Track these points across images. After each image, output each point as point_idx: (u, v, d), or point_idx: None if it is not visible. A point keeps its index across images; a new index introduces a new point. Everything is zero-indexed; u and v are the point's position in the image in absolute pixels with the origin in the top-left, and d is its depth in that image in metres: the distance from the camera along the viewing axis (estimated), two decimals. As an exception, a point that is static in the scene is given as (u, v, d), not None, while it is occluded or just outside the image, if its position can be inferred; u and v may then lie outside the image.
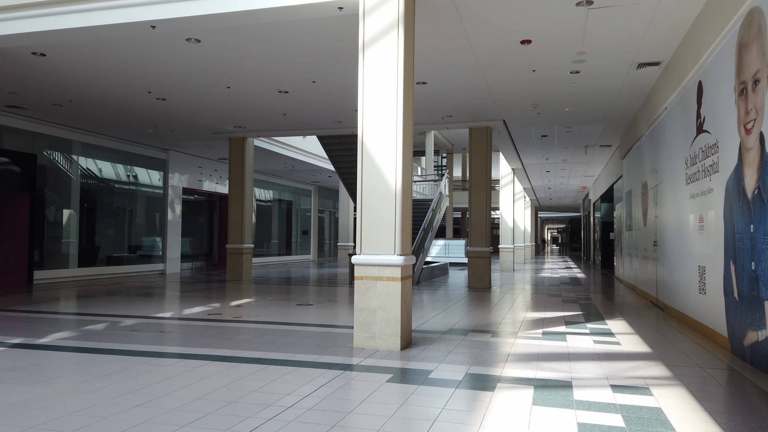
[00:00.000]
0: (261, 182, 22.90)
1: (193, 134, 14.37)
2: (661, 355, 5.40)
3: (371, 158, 5.59)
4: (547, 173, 21.95)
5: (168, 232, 16.80)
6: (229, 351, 5.36)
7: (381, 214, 5.54)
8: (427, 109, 11.47)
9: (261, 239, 23.81)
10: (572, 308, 9.07)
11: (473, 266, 12.76)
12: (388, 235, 5.51)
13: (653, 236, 9.88)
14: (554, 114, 11.77)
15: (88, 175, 14.76)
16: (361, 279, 5.58)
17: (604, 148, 16.22)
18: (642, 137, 10.91)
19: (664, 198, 8.88)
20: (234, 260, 14.21)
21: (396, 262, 5.44)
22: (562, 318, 7.93)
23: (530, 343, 5.97)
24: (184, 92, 10.32)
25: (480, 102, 10.82)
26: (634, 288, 12.35)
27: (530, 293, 11.62)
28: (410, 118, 5.77)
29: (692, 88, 7.08)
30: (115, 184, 15.68)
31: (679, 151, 7.75)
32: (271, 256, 24.18)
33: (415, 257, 5.89)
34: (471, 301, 9.96)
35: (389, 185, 5.52)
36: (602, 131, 13.63)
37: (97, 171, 15.06)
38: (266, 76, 9.30)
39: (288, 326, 6.92)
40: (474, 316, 8.01)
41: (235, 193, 14.36)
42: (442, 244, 23.90)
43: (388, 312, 5.48)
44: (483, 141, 12.73)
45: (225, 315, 7.88)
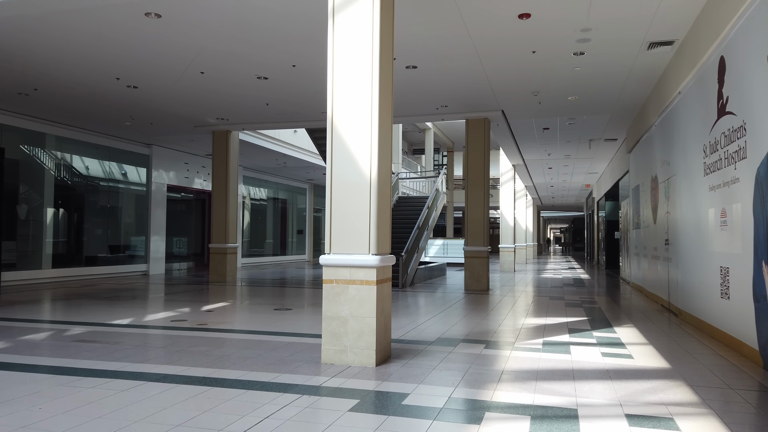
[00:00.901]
0: (254, 180, 22.13)
1: (174, 127, 13.60)
2: (682, 372, 4.59)
3: (342, 142, 4.80)
4: (549, 170, 21.13)
5: (151, 231, 16.02)
6: (174, 368, 4.57)
7: (353, 207, 4.74)
8: (420, 98, 10.67)
9: (254, 239, 23.05)
10: (576, 313, 8.26)
11: (470, 267, 11.95)
12: (361, 232, 4.71)
13: (664, 234, 9.07)
14: (556, 103, 10.95)
15: (65, 170, 14.00)
16: (331, 282, 4.78)
17: (609, 143, 15.39)
18: (652, 127, 10.09)
19: (677, 192, 8.07)
20: (217, 261, 13.43)
21: (370, 262, 4.65)
22: (565, 325, 7.13)
23: (529, 356, 5.17)
24: (155, 79, 9.54)
25: (476, 89, 10.01)
26: (642, 290, 11.53)
27: (531, 296, 10.81)
28: (388, 95, 4.98)
29: (712, 66, 6.27)
30: (95, 181, 14.92)
31: (696, 139, 6.93)
32: (265, 257, 23.41)
33: (394, 257, 5.10)
34: (466, 305, 9.16)
35: (363, 173, 4.72)
36: (608, 123, 12.80)
37: (75, 167, 14.30)
38: (241, 59, 8.51)
39: (255, 335, 6.13)
40: (467, 323, 7.21)
41: (219, 189, 13.58)
42: (441, 244, 23.11)
43: (361, 321, 4.68)
44: (480, 133, 11.92)
45: (189, 322, 7.10)
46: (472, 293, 11.18)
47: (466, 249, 11.98)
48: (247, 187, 22.04)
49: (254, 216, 22.91)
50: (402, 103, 11.09)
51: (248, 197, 22.40)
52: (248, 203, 22.50)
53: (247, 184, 21.87)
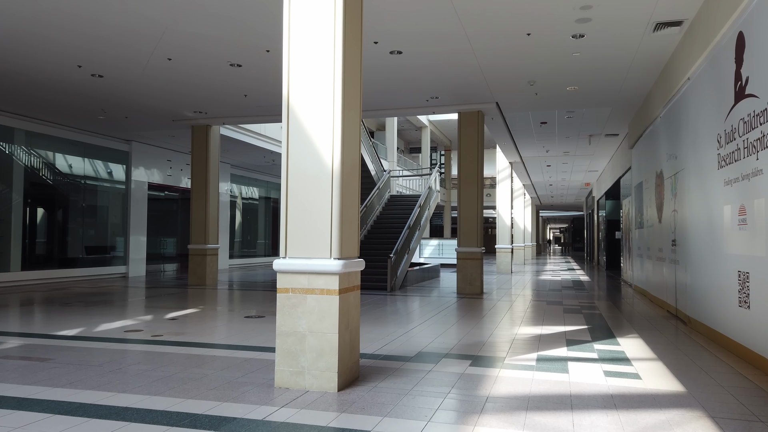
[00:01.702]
0: (243, 178, 21.41)
1: (151, 122, 12.88)
2: (699, 398, 3.87)
3: (299, 125, 4.08)
4: (547, 168, 20.42)
5: (131, 231, 15.30)
6: (97, 394, 3.85)
7: (312, 202, 4.03)
8: (407, 89, 9.96)
9: (245, 239, 22.34)
10: (575, 320, 7.55)
11: (463, 269, 11.24)
12: (321, 232, 4.00)
13: (671, 234, 8.36)
14: (554, 94, 10.24)
15: (37, 167, 13.27)
16: (286, 292, 4.07)
17: (610, 138, 14.68)
18: (656, 119, 9.38)
19: (686, 188, 7.36)
20: (196, 263, 12.72)
21: (332, 268, 3.93)
22: (563, 335, 6.41)
23: (520, 376, 4.46)
24: (120, 66, 8.82)
25: (468, 78, 9.30)
26: (646, 294, 10.82)
27: (527, 300, 10.10)
28: (355, 71, 4.26)
29: (728, 45, 5.56)
30: (70, 179, 14.20)
31: (708, 128, 6.23)
32: (256, 257, 22.69)
33: (363, 262, 4.39)
34: (456, 312, 8.44)
35: (323, 163, 4.01)
36: (609, 117, 12.09)
37: (48, 163, 13.58)
38: (210, 43, 7.80)
39: (211, 350, 5.41)
40: (454, 333, 6.49)
41: (198, 187, 12.86)
42: (436, 244, 22.40)
43: (320, 338, 3.96)
44: (474, 127, 11.21)
45: (145, 333, 6.38)
46: (465, 297, 10.47)
47: (458, 250, 11.26)
48: (238, 186, 21.36)
49: (245, 216, 22.21)
50: (389, 95, 10.37)
51: (239, 196, 21.76)
52: (239, 203, 21.84)
53: (237, 183, 21.17)
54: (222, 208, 19.43)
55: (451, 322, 7.40)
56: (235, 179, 20.76)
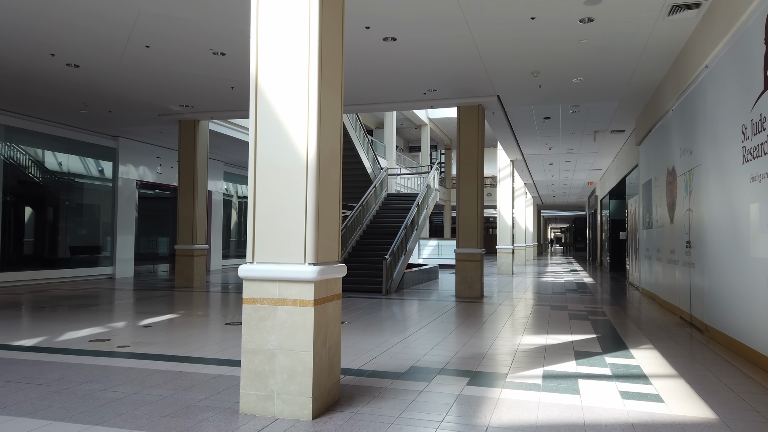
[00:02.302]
0: (239, 177, 20.83)
1: (137, 116, 12.32)
2: (734, 428, 3.31)
3: (269, 108, 3.52)
4: (550, 166, 19.84)
5: (118, 230, 14.73)
6: (24, 424, 3.29)
7: (283, 198, 3.46)
8: (403, 80, 9.39)
9: (241, 239, 21.78)
10: (582, 328, 6.99)
11: (462, 271, 10.67)
12: (294, 233, 3.44)
13: (685, 235, 7.79)
14: (559, 87, 9.67)
15: (15, 164, 12.72)
16: (253, 302, 3.50)
17: (615, 135, 14.10)
18: (668, 113, 8.81)
19: (703, 184, 6.79)
20: (184, 264, 12.16)
21: (306, 275, 3.37)
22: (571, 346, 5.85)
23: (525, 398, 3.89)
24: (96, 54, 8.26)
25: (468, 69, 8.73)
26: (655, 298, 10.25)
27: (530, 305, 9.53)
28: (336, 44, 3.69)
29: (756, 25, 5.00)
30: (54, 176, 13.64)
31: (731, 119, 5.66)
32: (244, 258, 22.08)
33: (344, 267, 3.84)
34: (454, 317, 7.88)
35: (296, 152, 3.44)
36: (616, 111, 11.52)
37: (29, 160, 13.02)
38: (189, 28, 7.24)
39: (178, 364, 4.84)
40: (452, 343, 5.93)
41: (185, 184, 12.30)
42: (435, 245, 21.83)
43: (293, 356, 3.40)
44: (473, 122, 10.64)
45: (112, 342, 5.82)
46: (464, 301, 9.91)
47: (457, 251, 10.69)
48: (234, 185, 20.83)
49: (240, 215, 21.66)
50: (383, 87, 9.81)
51: (235, 195, 21.26)
52: (234, 201, 21.33)
53: (232, 181, 20.61)
54: (215, 207, 18.89)
55: (448, 329, 6.84)
56: (230, 177, 20.20)
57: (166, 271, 17.26)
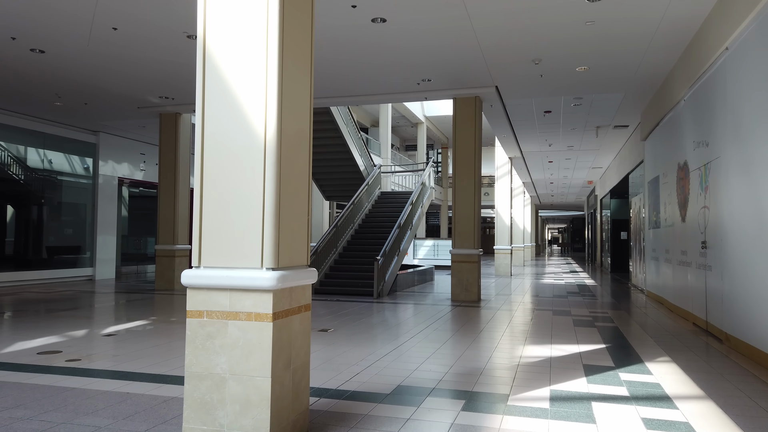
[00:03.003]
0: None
1: (114, 109, 11.65)
2: (792, 472, 2.69)
3: (220, 77, 2.88)
4: (549, 164, 19.23)
5: (98, 230, 14.05)
6: None
7: (237, 188, 2.83)
8: (395, 68, 8.75)
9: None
10: (589, 337, 6.36)
11: (458, 273, 10.04)
12: (248, 231, 2.80)
13: (699, 235, 7.17)
14: (562, 76, 9.05)
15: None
16: (199, 316, 2.86)
17: (619, 130, 13.50)
18: (679, 103, 8.20)
19: (722, 179, 6.17)
20: (164, 265, 11.49)
21: (263, 282, 2.73)
22: (578, 358, 5.23)
23: (530, 428, 3.27)
24: (61, 38, 7.60)
25: (465, 56, 8.10)
26: (663, 302, 9.64)
27: (530, 309, 8.91)
28: (306, 4, 3.06)
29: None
30: (29, 172, 12.96)
31: (759, 104, 5.04)
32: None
33: (314, 272, 3.21)
34: (449, 324, 7.25)
35: (253, 132, 2.81)
36: (620, 104, 10.90)
37: (2, 155, 12.35)
38: (157, 7, 6.59)
39: (128, 383, 4.20)
40: (446, 355, 5.30)
41: (166, 181, 11.64)
42: (431, 245, 21.21)
43: (246, 384, 2.76)
44: (470, 115, 10.01)
45: (64, 355, 5.17)
46: (460, 305, 9.28)
47: (453, 252, 10.06)
48: None
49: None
50: (373, 76, 9.17)
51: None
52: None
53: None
54: (202, 205, 18.20)
55: (442, 338, 6.21)
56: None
57: (153, 272, 16.60)
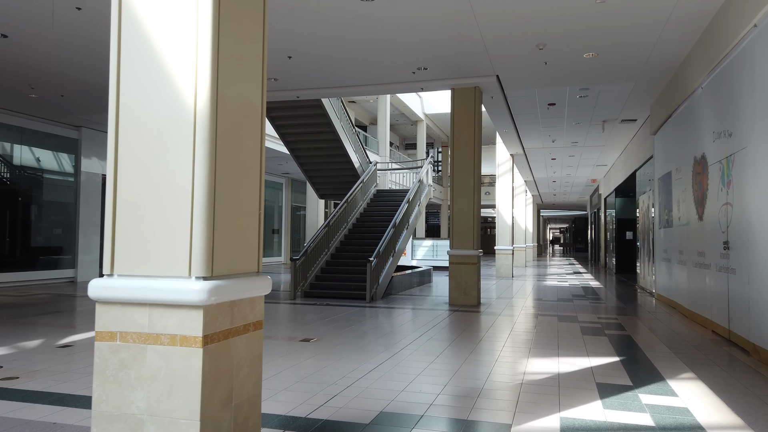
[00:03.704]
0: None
1: (93, 101, 11.01)
2: None
3: (139, 30, 2.24)
4: (552, 162, 18.59)
5: (81, 229, 13.43)
6: None
7: (159, 172, 2.19)
8: (387, 55, 8.11)
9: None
10: (600, 348, 5.72)
11: (456, 276, 9.39)
12: (174, 229, 2.16)
13: (721, 234, 6.52)
14: (568, 64, 8.41)
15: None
16: (110, 338, 2.22)
17: (626, 125, 12.85)
18: (696, 91, 7.55)
19: (750, 172, 5.52)
20: (145, 266, 10.84)
21: (191, 296, 2.09)
22: (590, 374, 4.58)
23: (538, 474, 2.63)
24: (23, 18, 6.97)
25: (463, 41, 7.46)
26: (676, 306, 8.99)
27: (534, 314, 8.26)
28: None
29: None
30: (7, 170, 12.33)
31: (799, 85, 4.40)
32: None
33: (268, 281, 2.58)
34: (445, 333, 6.60)
35: (179, 99, 2.17)
36: (629, 96, 10.25)
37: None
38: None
39: (59, 409, 3.55)
40: (439, 372, 4.66)
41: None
42: (430, 245, 20.56)
43: (168, 428, 2.12)
44: (470, 106, 9.37)
45: (4, 370, 4.54)
46: (458, 310, 8.64)
47: (450, 253, 9.42)
48: None
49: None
50: (365, 65, 8.52)
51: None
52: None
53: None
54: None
55: (436, 350, 5.56)
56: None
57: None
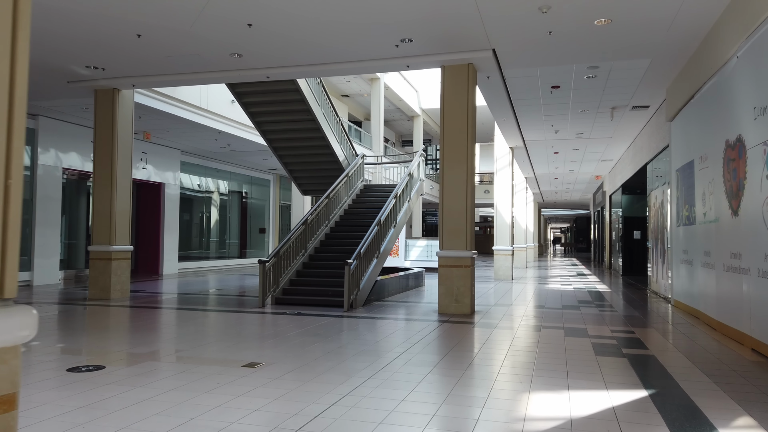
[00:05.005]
0: (197, 168, 18.37)
1: (42, 84, 9.81)
2: None
3: None
4: (554, 156, 17.38)
5: (37, 228, 12.23)
6: None
7: None
8: (365, 23, 6.89)
9: (202, 239, 19.36)
10: (621, 375, 4.51)
11: (446, 281, 8.19)
12: None
13: (765, 232, 5.32)
14: (576, 33, 7.20)
15: None
16: None
17: (637, 113, 11.64)
18: (728, 63, 6.34)
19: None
20: (99, 270, 9.65)
21: None
22: (612, 416, 3.39)
23: None
24: None
25: (452, 3, 6.26)
26: (700, 316, 7.79)
27: (536, 326, 7.06)
28: None
29: None
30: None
31: None
32: (218, 260, 19.71)
33: (31, 314, 1.42)
34: (427, 354, 5.40)
35: None
36: (644, 75, 9.05)
37: None
38: None
39: None
40: (410, 416, 3.46)
41: (102, 171, 9.79)
42: (425, 245, 19.35)
43: None
44: (462, 86, 8.17)
45: None
46: (448, 321, 7.44)
47: (440, 254, 8.23)
48: (204, 178, 18.61)
49: (203, 211, 19.25)
50: (339, 37, 7.30)
51: (214, 190, 19.17)
52: (213, 198, 19.14)
53: (192, 173, 18.17)
54: (170, 202, 16.44)
55: (412, 379, 4.36)
56: (186, 168, 17.71)
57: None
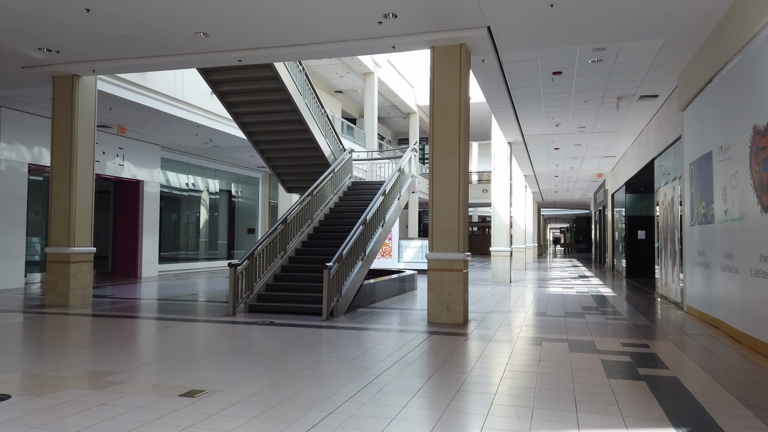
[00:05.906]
0: (180, 165, 17.52)
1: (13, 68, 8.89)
2: None
3: None
4: (555, 152, 16.54)
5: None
6: None
7: None
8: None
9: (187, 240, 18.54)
10: (641, 406, 3.67)
11: (436, 286, 7.34)
12: None
13: (808, 232, 4.48)
14: (581, 6, 6.36)
15: None
16: None
17: (645, 103, 10.80)
18: (755, 39, 5.51)
19: None
20: (57, 273, 8.78)
21: None
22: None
23: None
24: None
25: (437, -35, 5.41)
26: (719, 325, 6.95)
27: (536, 338, 6.22)
28: None
29: None
30: None
31: None
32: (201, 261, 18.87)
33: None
34: (409, 377, 4.54)
35: None
36: (655, 59, 8.21)
37: None
38: None
39: None
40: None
41: (60, 165, 8.93)
42: (419, 246, 18.50)
43: None
44: (453, 69, 7.33)
45: None
46: (437, 333, 6.59)
47: (429, 257, 7.38)
48: (188, 176, 17.85)
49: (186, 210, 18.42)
50: (310, 10, 6.43)
51: (199, 188, 18.43)
52: (197, 196, 18.37)
53: (174, 170, 17.33)
54: (149, 201, 15.58)
55: (386, 414, 3.51)
56: (167, 165, 16.86)
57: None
